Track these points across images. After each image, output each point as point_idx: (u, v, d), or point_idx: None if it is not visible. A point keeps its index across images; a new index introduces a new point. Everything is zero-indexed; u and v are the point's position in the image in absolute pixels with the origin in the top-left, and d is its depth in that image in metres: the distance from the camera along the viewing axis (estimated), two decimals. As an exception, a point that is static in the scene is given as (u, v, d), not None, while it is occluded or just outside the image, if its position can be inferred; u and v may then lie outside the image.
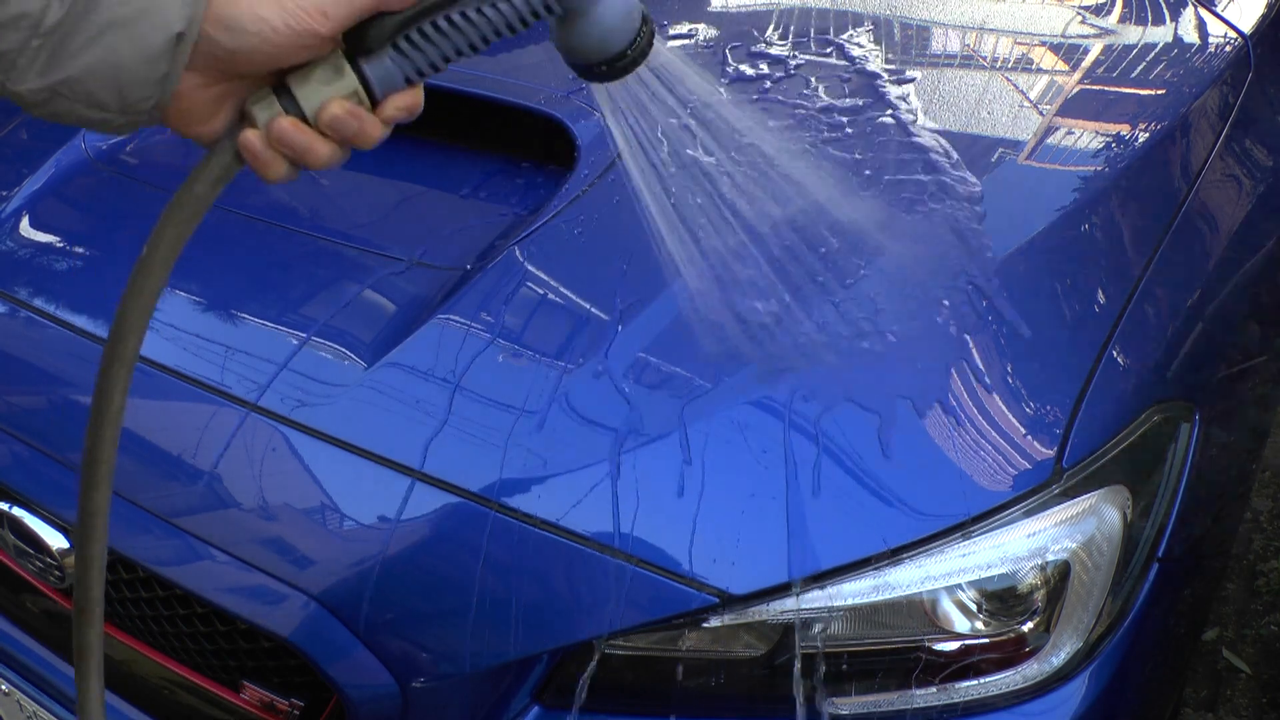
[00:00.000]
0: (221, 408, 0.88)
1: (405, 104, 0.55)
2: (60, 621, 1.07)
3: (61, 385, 0.98)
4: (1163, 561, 0.89)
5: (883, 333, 0.83)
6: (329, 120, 0.53)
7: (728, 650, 0.80)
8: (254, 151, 0.54)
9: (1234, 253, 1.07)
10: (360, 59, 0.53)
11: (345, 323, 0.92)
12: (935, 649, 0.80)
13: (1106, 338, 0.87)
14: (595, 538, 0.77)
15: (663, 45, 0.59)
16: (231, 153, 0.55)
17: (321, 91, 0.53)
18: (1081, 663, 0.83)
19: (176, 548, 0.87)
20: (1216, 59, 1.21)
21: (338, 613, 0.82)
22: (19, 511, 0.98)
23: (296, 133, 0.53)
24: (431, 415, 0.83)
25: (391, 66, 0.54)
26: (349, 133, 0.54)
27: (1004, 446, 0.79)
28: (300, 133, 0.53)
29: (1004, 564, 0.77)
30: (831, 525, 0.76)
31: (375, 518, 0.81)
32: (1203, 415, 0.95)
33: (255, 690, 0.92)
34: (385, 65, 0.54)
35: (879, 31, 1.24)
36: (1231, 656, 1.69)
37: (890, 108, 1.06)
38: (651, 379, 0.82)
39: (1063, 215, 0.94)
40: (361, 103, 0.54)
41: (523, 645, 0.79)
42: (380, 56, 0.53)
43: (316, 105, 0.53)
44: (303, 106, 0.53)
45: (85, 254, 1.08)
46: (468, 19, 0.54)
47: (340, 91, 0.53)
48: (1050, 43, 1.24)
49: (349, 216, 1.06)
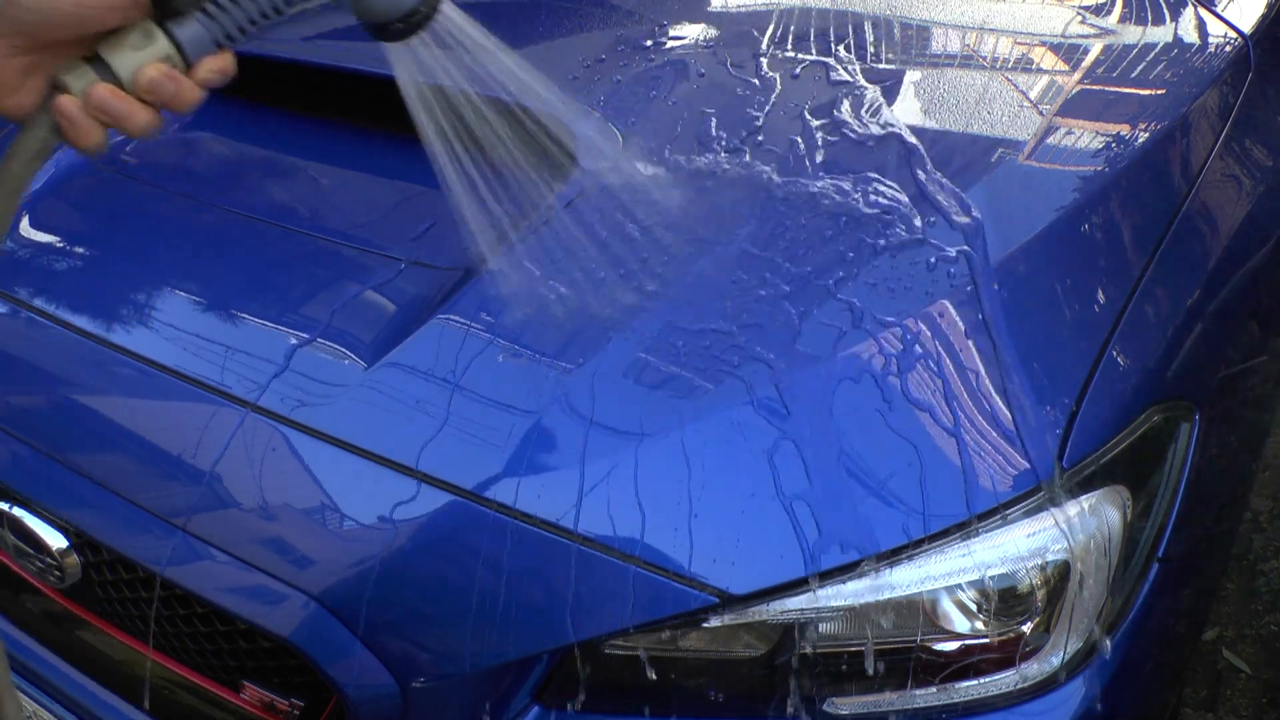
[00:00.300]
0: (221, 408, 0.88)
1: (218, 66, 0.56)
2: (60, 621, 1.07)
3: (61, 385, 0.98)
4: (1163, 561, 0.89)
5: (882, 332, 0.83)
6: (146, 84, 0.53)
7: (728, 650, 0.80)
8: (71, 118, 0.53)
9: (1234, 253, 1.07)
10: (170, 23, 0.54)
11: (345, 323, 0.92)
12: (935, 649, 0.80)
13: (1106, 338, 0.87)
14: (595, 538, 0.77)
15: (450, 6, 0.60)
16: (48, 125, 0.54)
17: (135, 57, 0.53)
18: (1081, 663, 0.83)
19: (176, 548, 0.87)
20: (1216, 59, 1.21)
21: (338, 613, 0.82)
22: (19, 511, 0.98)
23: (115, 100, 0.53)
24: (431, 415, 0.83)
25: (201, 30, 0.55)
26: (166, 95, 0.54)
27: (1004, 446, 0.79)
28: (119, 99, 0.53)
29: (1004, 564, 0.77)
30: (831, 525, 0.76)
31: (375, 518, 0.81)
32: (1203, 415, 0.95)
33: (255, 690, 0.92)
34: (195, 29, 0.55)
35: (879, 31, 1.24)
36: (1231, 656, 1.69)
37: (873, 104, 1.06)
38: (652, 379, 0.82)
39: (1063, 215, 0.94)
40: (175, 65, 0.54)
41: (523, 645, 0.79)
42: (189, 20, 0.54)
43: (132, 70, 0.53)
44: (118, 73, 0.53)
45: (85, 254, 1.08)
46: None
47: (154, 55, 0.54)
48: (1050, 43, 1.24)
49: (349, 216, 1.06)
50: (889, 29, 1.25)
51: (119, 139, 1.23)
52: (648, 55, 1.18)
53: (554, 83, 0.69)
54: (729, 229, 0.93)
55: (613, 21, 1.32)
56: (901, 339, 0.83)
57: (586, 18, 1.32)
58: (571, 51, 1.22)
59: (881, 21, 1.27)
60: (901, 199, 0.93)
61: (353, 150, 1.16)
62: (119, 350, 0.95)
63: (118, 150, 1.22)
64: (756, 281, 0.88)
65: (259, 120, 1.23)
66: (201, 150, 1.20)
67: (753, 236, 0.92)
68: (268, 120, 1.23)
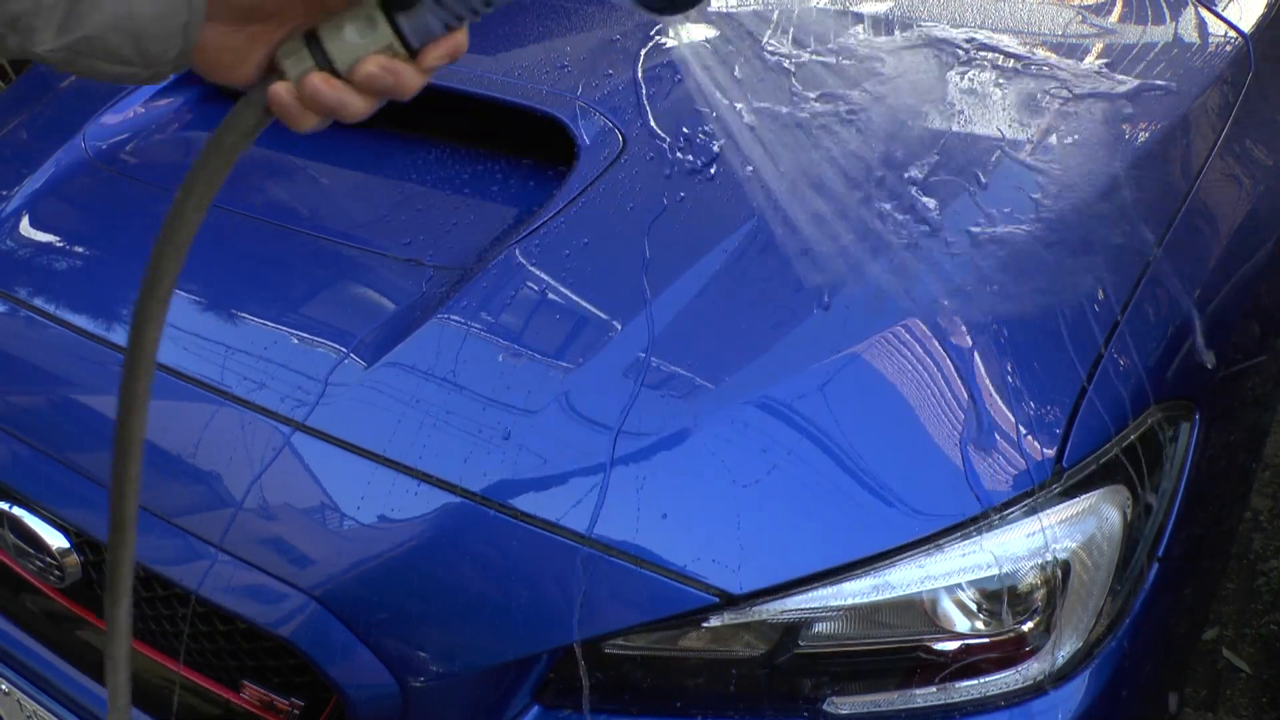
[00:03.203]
0: (221, 408, 0.88)
1: (446, 50, 0.52)
2: (60, 621, 1.07)
3: (61, 385, 0.98)
4: (1163, 561, 0.89)
5: (882, 332, 0.83)
6: (364, 78, 0.51)
7: (728, 650, 0.80)
8: (283, 105, 0.51)
9: (1234, 253, 1.07)
10: (397, 10, 0.50)
11: (345, 323, 0.92)
12: (935, 649, 0.80)
13: (1106, 338, 0.87)
14: (595, 538, 0.77)
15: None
16: (260, 106, 0.52)
17: (356, 46, 0.50)
18: (1081, 663, 0.83)
19: (176, 548, 0.87)
20: (1216, 59, 1.21)
21: (338, 613, 0.82)
22: (19, 511, 0.98)
23: (329, 89, 0.50)
24: (431, 415, 0.83)
25: (430, 16, 0.51)
26: (384, 88, 0.51)
27: (1004, 446, 0.79)
28: (333, 89, 0.51)
29: (1004, 564, 0.77)
30: (832, 525, 0.76)
31: (375, 518, 0.81)
32: (1203, 415, 0.95)
33: (255, 690, 0.92)
34: (423, 16, 0.51)
35: (878, 30, 1.24)
36: (1231, 656, 1.69)
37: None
38: (651, 378, 0.82)
39: (1063, 215, 0.94)
40: (397, 55, 0.51)
41: (522, 645, 0.79)
42: (419, 8, 0.50)
43: (351, 60, 0.50)
44: (334, 61, 0.50)
45: (85, 254, 1.08)
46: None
47: (375, 45, 0.50)
48: (1050, 43, 1.24)
49: (349, 216, 1.06)
50: (889, 28, 1.25)
51: (119, 138, 1.23)
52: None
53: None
54: (730, 226, 0.93)
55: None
56: (902, 339, 0.83)
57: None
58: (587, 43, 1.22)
59: (882, 21, 1.27)
60: (901, 199, 0.93)
61: (353, 150, 1.16)
62: (119, 350, 0.95)
63: (118, 149, 1.22)
64: (756, 281, 0.88)
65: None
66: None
67: (754, 235, 0.92)
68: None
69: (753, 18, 1.26)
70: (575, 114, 1.08)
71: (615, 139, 1.05)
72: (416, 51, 0.52)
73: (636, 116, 1.08)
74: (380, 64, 0.50)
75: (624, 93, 1.12)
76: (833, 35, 1.21)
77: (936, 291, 0.86)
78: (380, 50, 0.51)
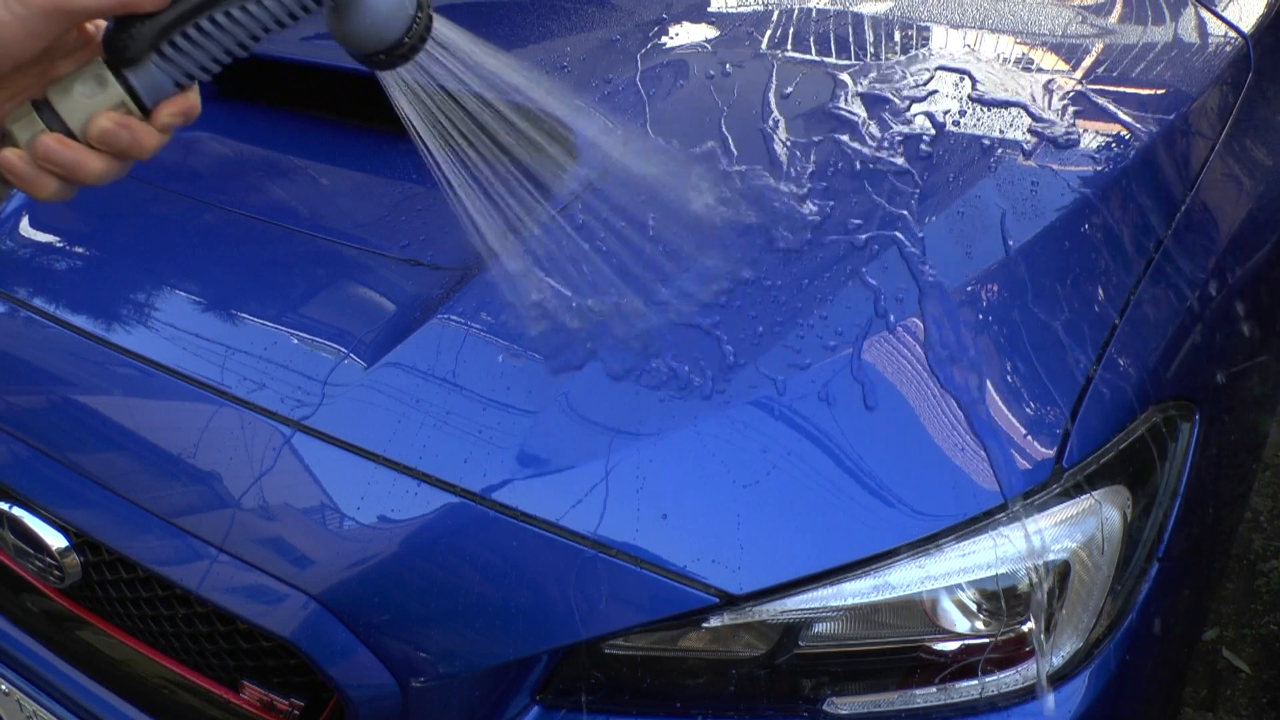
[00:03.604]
0: (221, 408, 0.88)
1: (180, 109, 0.52)
2: (60, 621, 1.07)
3: (61, 385, 0.98)
4: (1163, 561, 0.89)
5: (882, 332, 0.83)
6: (98, 134, 0.50)
7: (728, 650, 0.80)
8: (17, 171, 0.50)
9: (1234, 253, 1.07)
10: (124, 68, 0.50)
11: (345, 323, 0.92)
12: (935, 649, 0.80)
13: (1106, 338, 0.87)
14: (595, 538, 0.77)
15: (447, 26, 0.57)
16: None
17: (86, 104, 0.50)
18: (1081, 663, 0.83)
19: (176, 548, 0.87)
20: (1216, 59, 1.21)
21: (338, 613, 0.82)
22: (19, 511, 0.98)
23: (64, 149, 0.50)
24: (431, 415, 0.83)
25: (158, 73, 0.51)
26: (121, 144, 0.51)
27: (1004, 447, 0.79)
28: (68, 149, 0.50)
29: (1004, 564, 0.77)
30: (832, 525, 0.76)
31: (375, 518, 0.81)
32: (1203, 415, 0.95)
33: (255, 690, 0.93)
34: (151, 72, 0.51)
35: (878, 30, 1.24)
36: (1231, 656, 1.69)
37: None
38: (651, 379, 0.82)
39: (1063, 215, 0.94)
40: (131, 113, 0.51)
41: (522, 645, 0.79)
42: (145, 64, 0.51)
43: (83, 118, 0.50)
44: (67, 121, 0.50)
45: (85, 254, 1.08)
46: (232, 19, 0.51)
47: (106, 103, 0.50)
48: (1050, 43, 1.24)
49: (349, 216, 1.06)
50: (889, 29, 1.25)
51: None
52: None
53: (553, 85, 0.68)
54: (731, 224, 0.93)
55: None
56: (902, 339, 0.83)
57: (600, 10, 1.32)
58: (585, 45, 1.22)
59: (881, 21, 1.27)
60: (903, 200, 0.93)
61: (353, 150, 1.16)
62: (119, 350, 0.95)
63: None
64: (757, 280, 0.88)
65: (259, 120, 1.23)
66: (201, 150, 1.20)
67: (754, 234, 0.92)
68: (268, 120, 1.23)
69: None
70: (575, 114, 1.08)
71: (616, 136, 1.05)
72: (150, 110, 0.52)
73: (637, 116, 1.08)
74: (114, 119, 0.50)
75: (624, 93, 1.12)
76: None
77: (937, 291, 0.86)
78: (113, 108, 0.51)
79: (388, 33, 0.55)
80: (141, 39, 0.50)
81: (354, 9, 0.54)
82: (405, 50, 0.56)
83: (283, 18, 0.52)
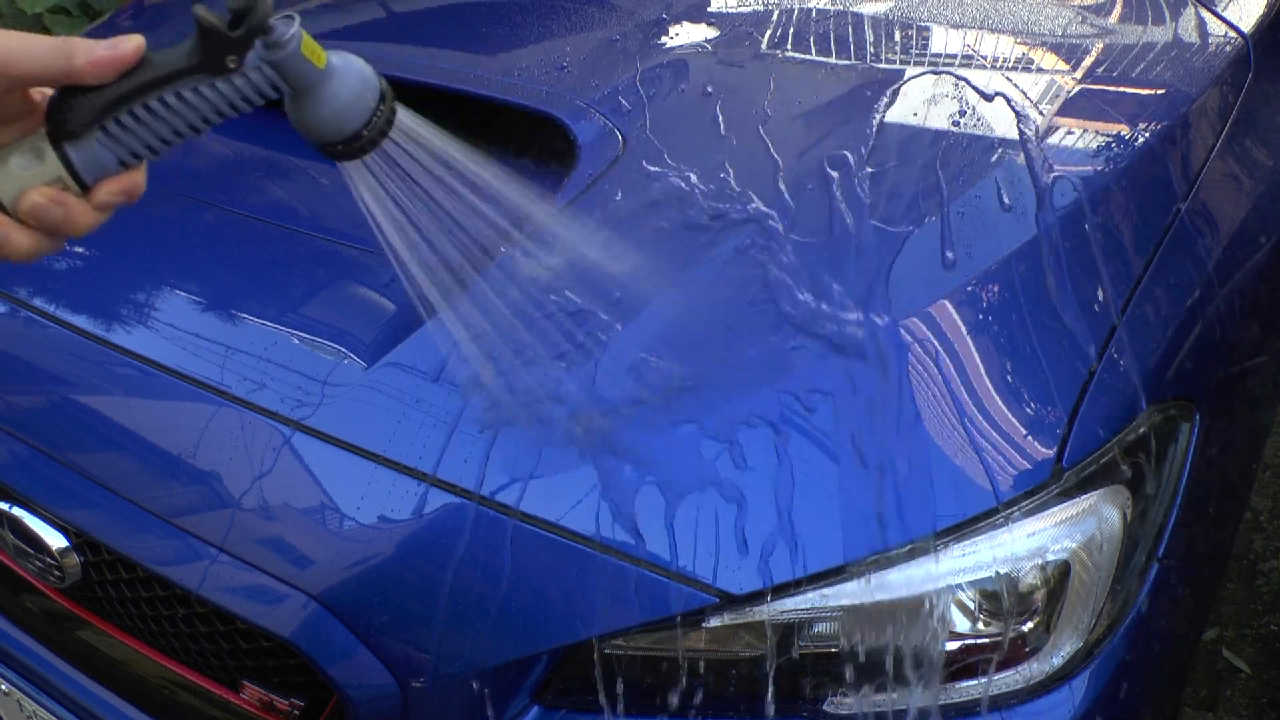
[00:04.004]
0: (221, 408, 0.88)
1: (122, 187, 0.50)
2: (60, 621, 1.07)
3: (61, 385, 0.98)
4: (1163, 561, 0.89)
5: (882, 333, 0.83)
6: (28, 209, 0.48)
7: (728, 650, 0.80)
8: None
9: (1234, 253, 1.07)
10: (65, 142, 0.48)
11: (345, 323, 0.92)
12: (935, 649, 0.80)
13: (1106, 338, 0.87)
14: (595, 538, 0.77)
15: (410, 118, 0.56)
16: None
17: (19, 178, 0.48)
18: (1081, 663, 0.83)
19: (176, 548, 0.87)
20: (1216, 59, 1.21)
21: (338, 613, 0.82)
22: (19, 511, 0.98)
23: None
24: (431, 415, 0.83)
25: (101, 150, 0.49)
26: (52, 221, 0.48)
27: (1004, 447, 0.79)
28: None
29: (1004, 564, 0.77)
30: (831, 525, 0.76)
31: (375, 518, 0.81)
32: (1203, 415, 0.95)
33: (255, 690, 0.92)
34: (94, 148, 0.49)
35: (878, 30, 1.24)
36: (1231, 656, 1.69)
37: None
38: (652, 379, 0.82)
39: (1063, 215, 0.94)
40: (68, 188, 0.49)
41: (522, 645, 0.79)
42: (87, 140, 0.48)
43: (14, 192, 0.48)
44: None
45: (85, 254, 1.08)
46: (184, 101, 0.49)
47: (41, 178, 0.48)
48: (1050, 43, 1.24)
49: (349, 216, 1.06)
50: (889, 28, 1.25)
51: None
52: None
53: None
54: (732, 227, 0.93)
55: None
56: (902, 339, 0.83)
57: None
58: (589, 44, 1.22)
59: (881, 21, 1.27)
60: (902, 200, 0.93)
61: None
62: (119, 350, 0.95)
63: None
64: (757, 281, 0.88)
65: (259, 120, 1.22)
66: (201, 150, 1.20)
67: (754, 233, 0.92)
68: (268, 120, 1.23)
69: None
70: (575, 114, 1.08)
71: (615, 139, 1.05)
72: (89, 187, 0.50)
73: (637, 116, 1.08)
74: (47, 195, 0.48)
75: (624, 93, 1.12)
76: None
77: (937, 291, 0.86)
78: (48, 183, 0.48)
79: (346, 124, 0.54)
80: (84, 113, 0.48)
81: (313, 99, 0.52)
82: (364, 143, 0.55)
83: (238, 103, 0.51)
